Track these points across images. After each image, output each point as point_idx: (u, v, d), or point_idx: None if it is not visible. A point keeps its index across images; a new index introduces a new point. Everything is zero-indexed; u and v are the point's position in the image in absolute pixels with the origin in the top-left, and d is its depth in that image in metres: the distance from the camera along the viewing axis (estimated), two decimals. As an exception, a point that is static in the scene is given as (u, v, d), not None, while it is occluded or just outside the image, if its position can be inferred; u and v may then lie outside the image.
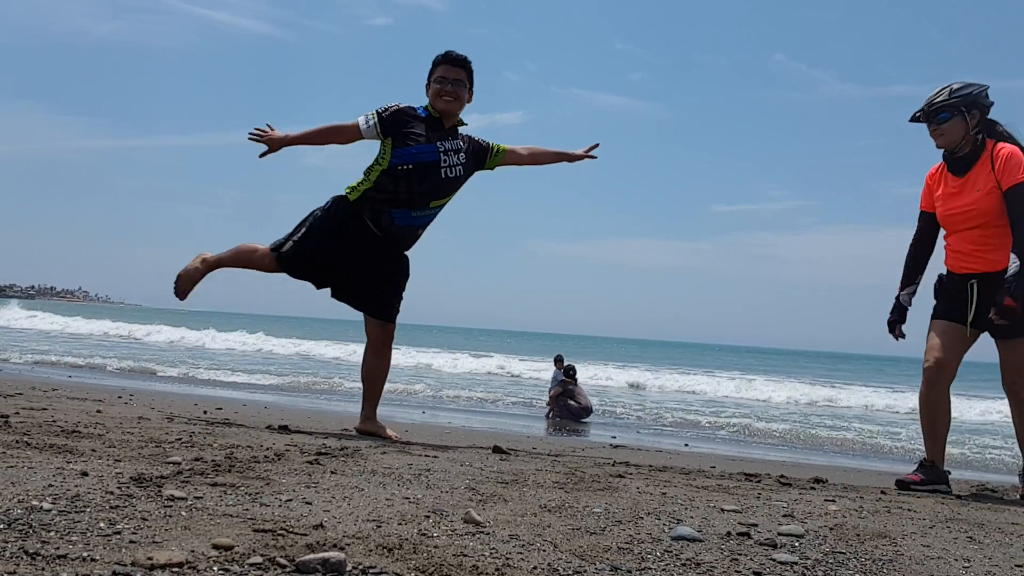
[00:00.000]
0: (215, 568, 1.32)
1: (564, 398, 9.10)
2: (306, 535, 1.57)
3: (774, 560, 1.75)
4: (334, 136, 3.95)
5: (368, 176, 3.88)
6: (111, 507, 1.67)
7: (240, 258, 4.05)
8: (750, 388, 15.62)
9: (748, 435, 8.38)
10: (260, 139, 3.93)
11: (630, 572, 1.56)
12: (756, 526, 2.11)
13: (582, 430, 7.87)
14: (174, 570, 1.29)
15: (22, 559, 1.27)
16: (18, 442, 2.46)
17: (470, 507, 2.03)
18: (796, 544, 1.94)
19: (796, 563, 1.74)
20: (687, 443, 6.67)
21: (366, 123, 3.86)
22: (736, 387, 15.68)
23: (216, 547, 1.43)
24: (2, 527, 1.43)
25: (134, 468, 2.17)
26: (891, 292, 3.89)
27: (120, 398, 5.33)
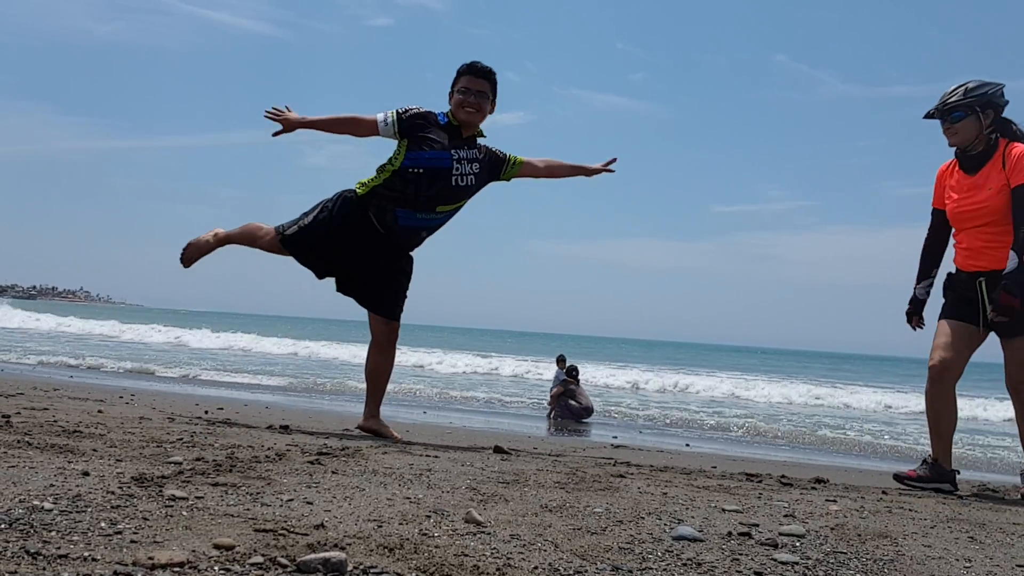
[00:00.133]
0: (216, 568, 1.32)
1: (565, 398, 9.10)
2: (307, 535, 1.57)
3: (775, 560, 1.75)
4: (351, 127, 3.93)
5: (380, 174, 3.89)
6: (112, 507, 1.67)
7: (247, 236, 4.10)
8: (751, 388, 15.61)
9: (749, 435, 8.38)
10: (276, 118, 3.93)
11: (631, 572, 1.56)
12: (757, 526, 2.11)
13: (583, 430, 7.87)
14: (175, 570, 1.29)
15: (23, 559, 1.27)
16: (19, 442, 2.46)
17: (471, 507, 2.03)
18: (797, 544, 1.94)
19: (797, 563, 1.74)
20: (688, 443, 6.67)
21: (384, 121, 3.86)
22: (737, 387, 15.67)
23: (217, 547, 1.43)
24: (4, 527, 1.43)
25: (135, 468, 2.18)
26: (892, 292, 3.94)
27: (121, 398, 5.34)
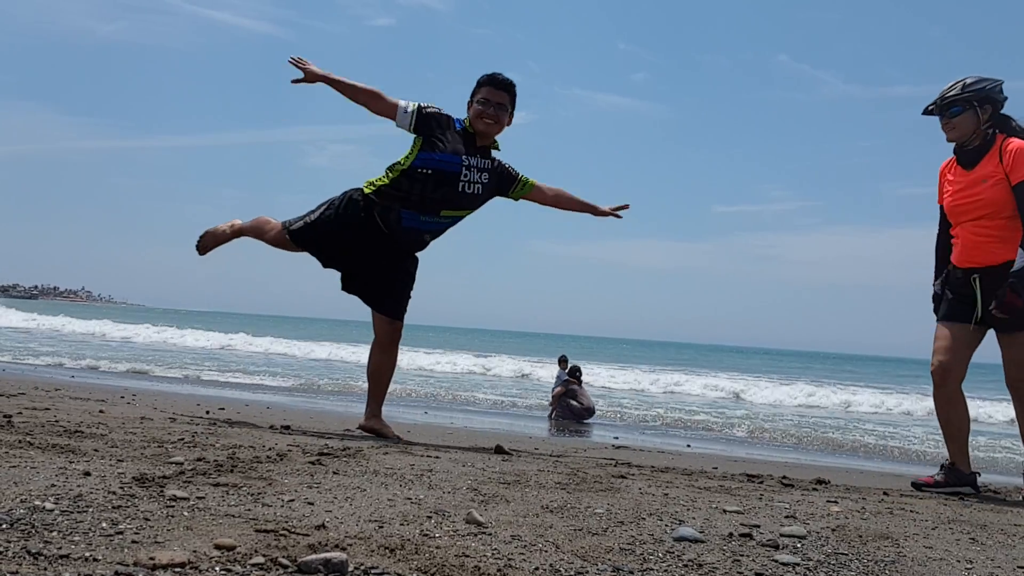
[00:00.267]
0: (217, 568, 1.32)
1: (567, 398, 9.09)
2: (308, 535, 1.58)
3: (776, 561, 1.75)
4: (370, 100, 3.88)
5: (389, 173, 3.89)
6: (113, 507, 1.67)
7: (257, 229, 4.15)
8: (752, 389, 15.61)
9: (750, 436, 8.37)
10: (298, 65, 3.90)
11: (632, 573, 1.56)
12: (758, 527, 2.11)
13: (584, 430, 7.87)
14: (176, 570, 1.29)
15: (25, 559, 1.27)
16: (21, 442, 2.46)
17: (472, 508, 2.03)
18: (798, 545, 1.94)
19: (798, 564, 1.74)
20: (689, 444, 6.66)
21: (405, 110, 3.84)
22: (738, 388, 15.67)
23: (218, 547, 1.43)
24: (5, 527, 1.43)
25: (136, 468, 2.18)
26: (894, 293, 4.00)
27: (123, 398, 5.34)
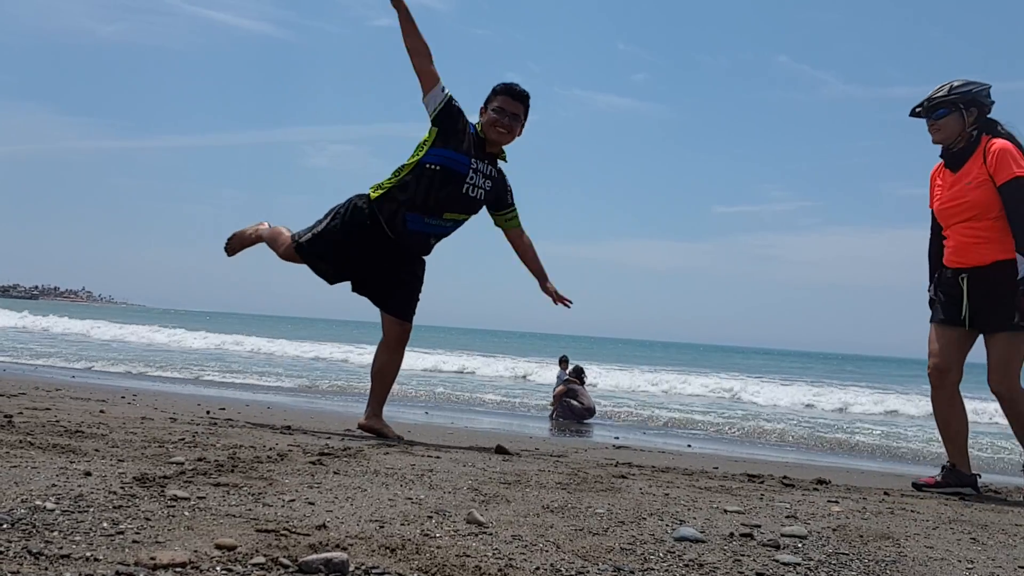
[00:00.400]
0: (218, 568, 1.32)
1: (567, 398, 9.09)
2: (309, 535, 1.58)
3: (777, 561, 1.74)
4: (421, 53, 3.77)
5: (396, 174, 3.90)
6: (114, 507, 1.67)
7: (272, 240, 4.21)
8: (752, 389, 15.59)
9: (751, 436, 8.37)
10: None
11: (633, 573, 1.56)
12: (759, 527, 2.11)
13: (585, 430, 7.87)
14: (177, 570, 1.29)
15: (25, 559, 1.27)
16: (22, 442, 2.46)
17: (473, 508, 2.03)
18: (799, 545, 1.94)
19: (799, 564, 1.73)
20: (690, 444, 6.66)
21: (442, 89, 3.85)
22: (738, 388, 15.65)
23: (219, 547, 1.43)
24: (6, 527, 1.43)
25: (137, 468, 2.18)
26: (894, 293, 4.01)
27: (123, 398, 5.35)
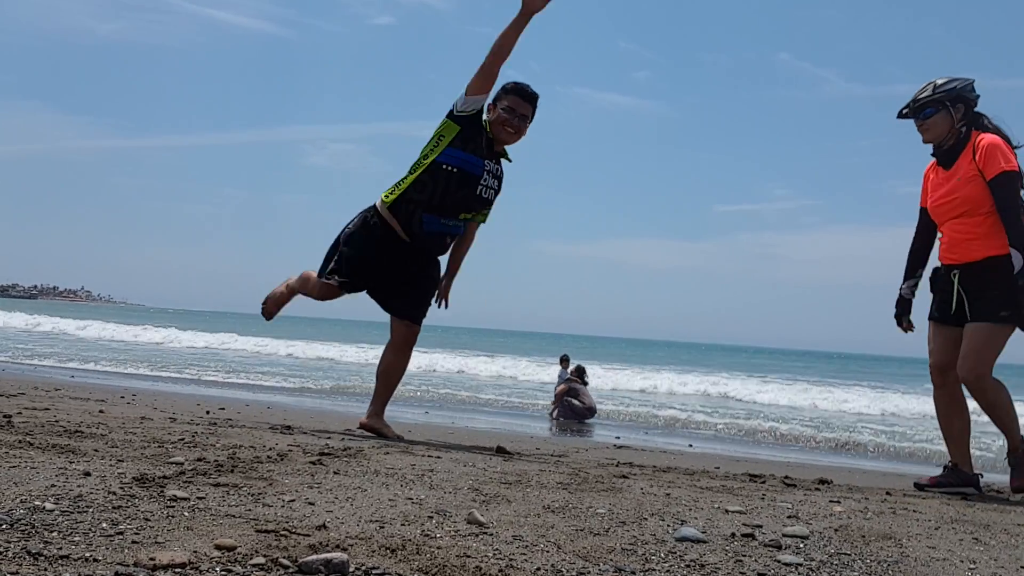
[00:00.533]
0: (218, 569, 1.31)
1: (568, 397, 9.09)
2: (309, 536, 1.57)
3: (779, 561, 1.74)
4: (503, 61, 3.78)
5: (412, 172, 3.90)
6: (113, 507, 1.67)
7: (302, 286, 4.20)
8: (754, 388, 15.59)
9: (752, 435, 8.36)
10: None
11: (634, 573, 1.55)
12: (760, 527, 2.10)
13: (586, 430, 7.87)
14: (176, 571, 1.29)
15: (25, 559, 1.27)
16: (21, 442, 2.46)
17: (473, 508, 2.02)
18: (801, 545, 1.93)
19: (801, 564, 1.73)
20: (691, 443, 6.66)
21: (484, 99, 3.86)
22: (740, 387, 15.66)
23: (219, 548, 1.43)
24: (5, 527, 1.43)
25: (137, 468, 2.17)
26: (894, 292, 3.91)
27: (123, 398, 5.34)
